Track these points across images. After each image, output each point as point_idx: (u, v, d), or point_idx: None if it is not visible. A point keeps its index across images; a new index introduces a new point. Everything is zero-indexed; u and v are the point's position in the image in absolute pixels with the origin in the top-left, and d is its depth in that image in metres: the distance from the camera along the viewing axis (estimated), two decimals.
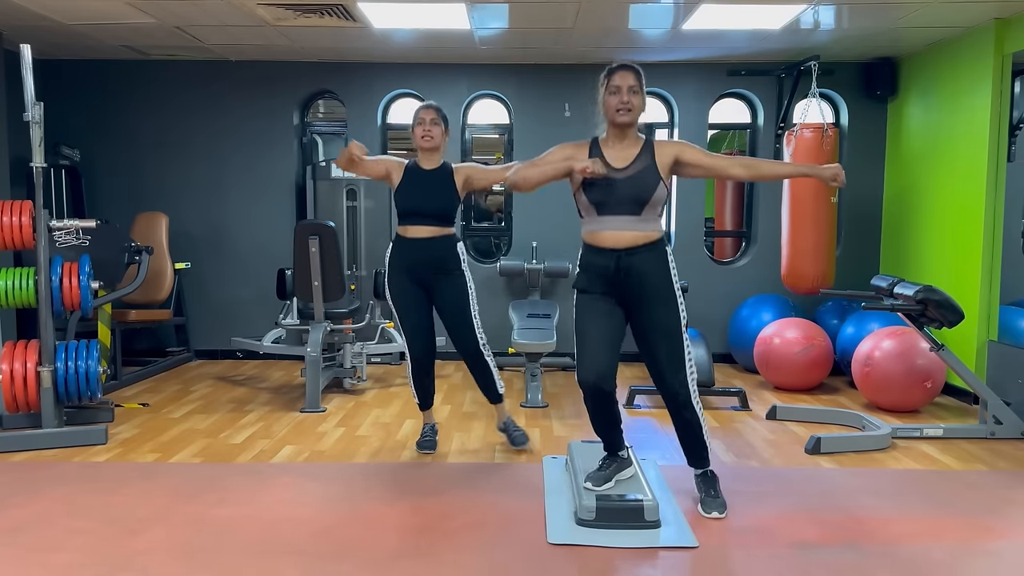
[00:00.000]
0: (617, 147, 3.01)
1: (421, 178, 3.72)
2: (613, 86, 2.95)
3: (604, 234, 2.97)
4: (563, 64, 6.20)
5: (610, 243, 2.96)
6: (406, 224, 3.71)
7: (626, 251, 2.95)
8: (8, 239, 4.03)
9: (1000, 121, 4.88)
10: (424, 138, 3.70)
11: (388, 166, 3.76)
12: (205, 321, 6.43)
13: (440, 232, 3.69)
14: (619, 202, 2.94)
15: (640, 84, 2.97)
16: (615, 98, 2.95)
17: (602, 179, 2.93)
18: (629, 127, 2.99)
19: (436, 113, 3.73)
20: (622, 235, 2.95)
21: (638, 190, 2.94)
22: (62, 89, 6.22)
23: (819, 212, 5.39)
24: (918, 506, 3.23)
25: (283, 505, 3.18)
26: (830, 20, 5.02)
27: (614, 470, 3.16)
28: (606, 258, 2.97)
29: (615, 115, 2.96)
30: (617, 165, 2.97)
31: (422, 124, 3.71)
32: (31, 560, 2.66)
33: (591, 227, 3.01)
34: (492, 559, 2.68)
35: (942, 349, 4.22)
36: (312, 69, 6.34)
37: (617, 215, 2.95)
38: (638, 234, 2.96)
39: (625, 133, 3.01)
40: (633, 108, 2.94)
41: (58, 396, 4.08)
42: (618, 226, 2.95)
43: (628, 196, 2.94)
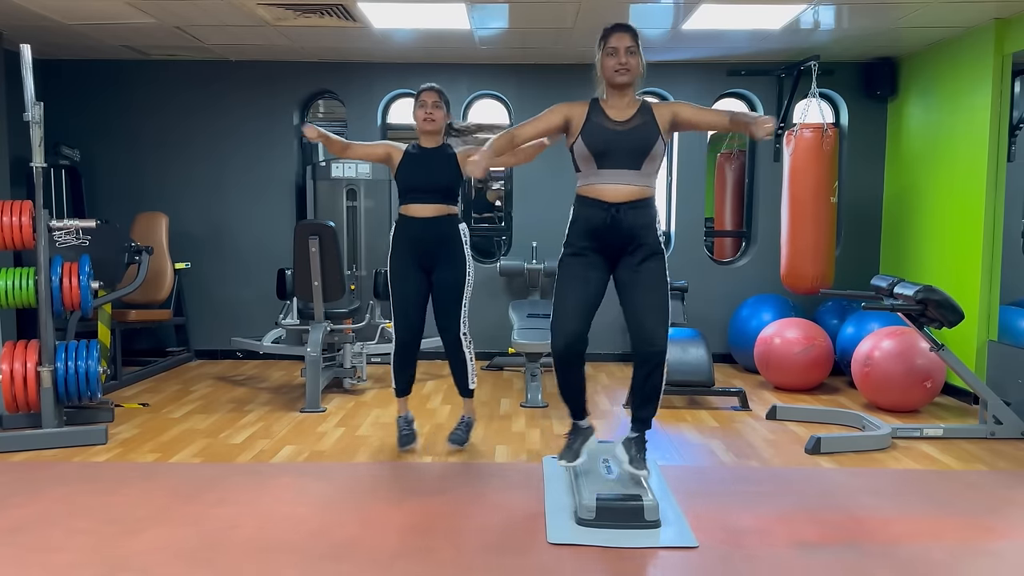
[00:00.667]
0: (617, 104, 3.03)
1: (423, 156, 3.74)
2: (610, 47, 2.99)
3: (604, 187, 2.98)
4: (563, 64, 6.20)
5: (610, 196, 2.97)
6: (409, 202, 3.72)
7: (625, 204, 2.97)
8: (8, 239, 4.03)
9: (1000, 121, 4.88)
10: (426, 120, 3.71)
11: (387, 148, 3.79)
12: (205, 321, 6.43)
13: (444, 211, 3.71)
14: (620, 154, 2.96)
15: (637, 44, 3.00)
16: (612, 59, 2.98)
17: (604, 129, 2.96)
18: (627, 87, 3.02)
19: (438, 95, 3.74)
20: (621, 188, 2.97)
21: (639, 142, 2.96)
22: (62, 89, 6.22)
23: (819, 212, 5.39)
24: (918, 506, 3.23)
25: (283, 505, 3.18)
26: (830, 20, 5.02)
27: (580, 442, 3.20)
28: (604, 210, 2.98)
29: (613, 75, 2.98)
30: (618, 119, 3.00)
31: (424, 106, 3.71)
32: (31, 560, 2.66)
33: (589, 180, 3.02)
34: (492, 559, 2.68)
35: (942, 349, 4.22)
36: (312, 69, 6.34)
37: (617, 168, 2.97)
38: (637, 188, 2.98)
39: (624, 93, 3.03)
40: (631, 68, 2.97)
41: (58, 396, 4.08)
42: (618, 179, 2.97)
43: (629, 148, 2.96)
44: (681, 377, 4.88)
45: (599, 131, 2.97)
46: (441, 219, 3.71)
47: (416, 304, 3.78)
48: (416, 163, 3.72)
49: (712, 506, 3.19)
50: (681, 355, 4.93)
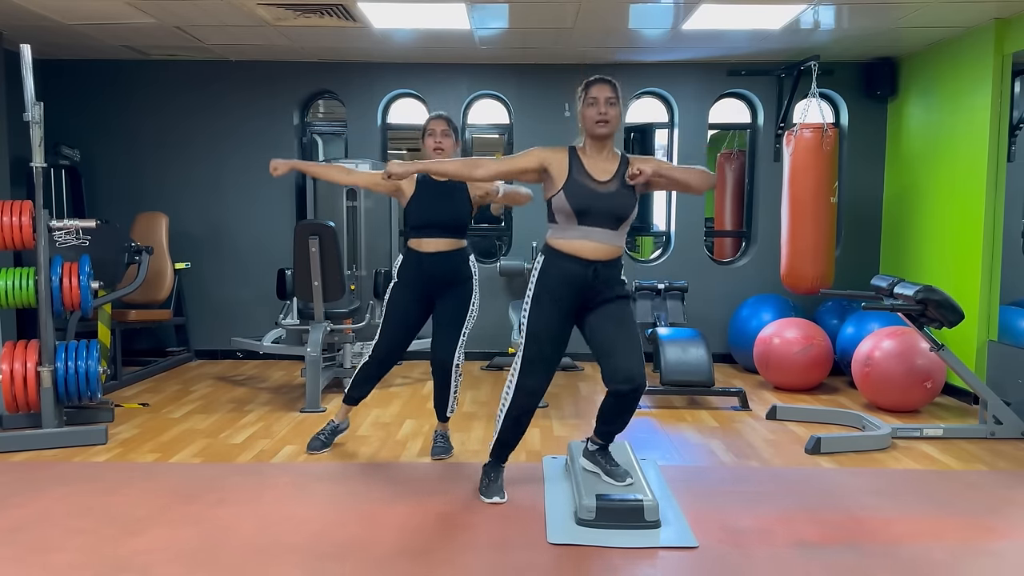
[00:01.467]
0: (597, 159, 3.04)
1: (434, 189, 3.65)
2: (591, 98, 3.02)
3: (584, 244, 3.00)
4: (563, 64, 6.20)
5: (588, 254, 3.00)
6: (420, 237, 3.64)
7: (602, 263, 3.01)
8: (8, 239, 4.03)
9: (1000, 121, 4.88)
10: (436, 150, 3.65)
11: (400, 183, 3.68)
12: (205, 321, 6.43)
13: (454, 245, 3.65)
14: (600, 215, 2.98)
15: (617, 96, 3.03)
16: (593, 110, 3.00)
17: (586, 188, 2.97)
18: (607, 139, 3.05)
19: (447, 124, 3.69)
20: (600, 247, 3.00)
21: (619, 207, 2.99)
22: (62, 89, 6.22)
23: (819, 212, 5.39)
24: (918, 506, 3.23)
25: (283, 505, 3.18)
26: (830, 20, 5.02)
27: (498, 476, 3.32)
28: (583, 268, 3.00)
29: (593, 127, 3.01)
30: (600, 178, 3.01)
31: (433, 135, 3.66)
32: (31, 560, 2.66)
33: (569, 235, 3.01)
34: (492, 559, 2.68)
35: (942, 349, 4.22)
36: (312, 69, 6.34)
37: (598, 227, 2.99)
38: (613, 248, 3.04)
39: (603, 145, 3.05)
40: (610, 120, 3.00)
41: (58, 396, 4.08)
42: (599, 238, 3.00)
43: (609, 211, 2.98)
44: (681, 377, 4.89)
45: (582, 190, 2.97)
46: (452, 254, 3.65)
47: (406, 331, 3.73)
48: (428, 197, 3.63)
49: (712, 506, 3.19)
50: (681, 355, 4.94)
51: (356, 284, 5.84)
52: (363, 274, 5.93)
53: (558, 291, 3.04)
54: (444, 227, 3.63)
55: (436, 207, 3.63)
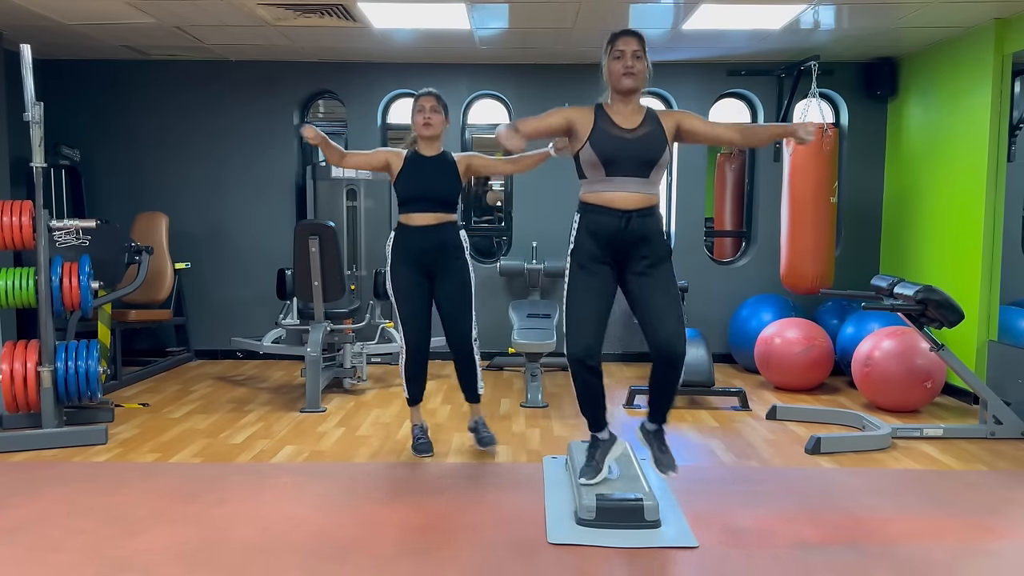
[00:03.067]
0: (623, 111, 3.01)
1: (423, 164, 3.70)
2: (617, 51, 2.97)
3: (614, 195, 2.96)
4: (563, 64, 6.20)
5: (620, 203, 2.96)
6: (409, 211, 3.69)
7: (635, 212, 2.95)
8: (8, 239, 4.03)
9: (1000, 121, 4.88)
10: (424, 125, 3.67)
11: (386, 156, 3.74)
12: (205, 321, 6.43)
13: (444, 219, 3.68)
14: (628, 162, 2.94)
15: (643, 49, 2.98)
16: (619, 63, 2.95)
17: (613, 136, 2.93)
18: (633, 92, 3.00)
19: (436, 100, 3.71)
20: (631, 196, 2.95)
21: (648, 150, 2.95)
22: (62, 89, 6.22)
23: (819, 212, 5.39)
24: (918, 506, 3.23)
25: (283, 505, 3.18)
26: (830, 20, 5.02)
27: (601, 454, 3.16)
28: (615, 218, 2.96)
29: (620, 79, 2.96)
30: (626, 126, 2.97)
31: (422, 111, 3.68)
32: (31, 560, 2.66)
33: (598, 187, 2.99)
34: (492, 559, 2.68)
35: (942, 349, 4.22)
36: (312, 69, 6.34)
37: (626, 176, 2.95)
38: (645, 196, 2.97)
39: (629, 99, 3.01)
40: (637, 73, 2.95)
41: (58, 396, 4.08)
42: (628, 187, 2.95)
43: (637, 156, 2.94)
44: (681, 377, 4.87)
45: (608, 138, 2.95)
46: (441, 227, 3.68)
47: (423, 312, 3.75)
48: (416, 171, 3.69)
49: (712, 506, 3.19)
50: None
51: (356, 284, 5.85)
52: (363, 274, 5.94)
53: (594, 245, 3.00)
54: (433, 200, 3.66)
55: (425, 181, 3.67)
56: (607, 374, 5.77)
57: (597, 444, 3.18)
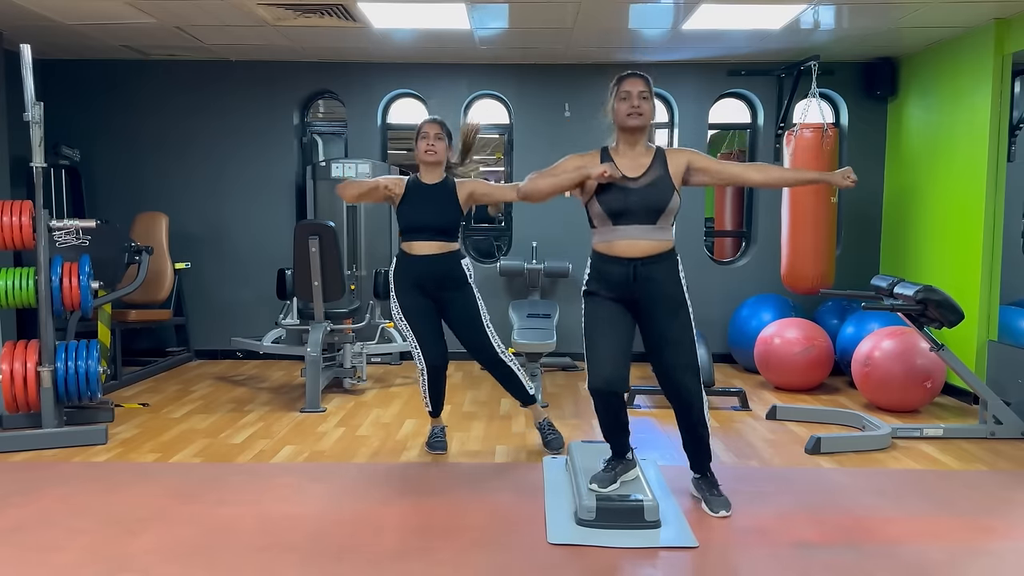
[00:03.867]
0: (629, 155, 3.01)
1: (424, 193, 3.68)
2: (623, 92, 2.97)
3: (620, 243, 2.96)
4: (563, 64, 6.20)
5: (626, 252, 2.96)
6: (411, 240, 3.66)
7: (642, 260, 2.95)
8: (8, 239, 4.03)
9: (1000, 121, 4.88)
10: (427, 152, 3.66)
11: (388, 184, 3.65)
12: (205, 321, 6.43)
13: (445, 248, 3.66)
14: (635, 211, 2.94)
15: (650, 90, 2.99)
16: (625, 104, 2.96)
17: (618, 188, 2.93)
18: (640, 133, 3.00)
19: (440, 128, 3.70)
20: (638, 244, 2.95)
21: (654, 199, 2.94)
22: (62, 89, 6.22)
23: (819, 212, 5.39)
24: (918, 506, 3.23)
25: (283, 505, 3.18)
26: (830, 20, 5.02)
27: (619, 471, 3.15)
28: (622, 267, 2.96)
29: (626, 119, 2.96)
30: (631, 174, 2.97)
31: (426, 138, 3.66)
32: (31, 560, 2.66)
33: (606, 237, 3.00)
34: (492, 559, 2.68)
35: (942, 349, 4.22)
36: (312, 69, 6.34)
37: (633, 224, 2.94)
38: (654, 243, 2.96)
39: (636, 140, 3.01)
40: (644, 113, 2.96)
41: (58, 396, 4.08)
42: (634, 235, 2.95)
43: (644, 205, 2.94)
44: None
45: (614, 191, 2.94)
46: (444, 256, 3.66)
47: (435, 331, 3.73)
48: (417, 200, 3.66)
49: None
50: None
51: (356, 284, 5.85)
52: (363, 274, 5.94)
53: (606, 290, 3.01)
54: (434, 230, 3.64)
55: (426, 210, 3.65)
56: None
57: (620, 462, 3.19)
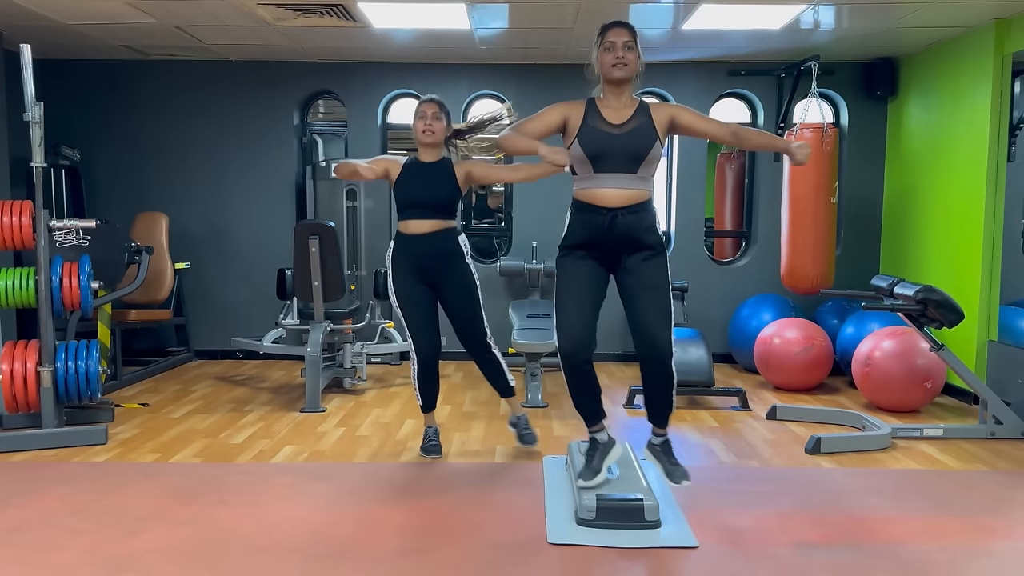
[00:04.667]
0: (614, 105, 2.99)
1: (421, 171, 3.68)
2: (607, 42, 2.95)
3: (601, 191, 2.95)
4: (563, 64, 6.20)
5: (607, 200, 2.94)
6: (407, 218, 3.66)
7: (622, 209, 2.94)
8: (8, 239, 4.03)
9: (1000, 121, 4.88)
10: (425, 132, 3.65)
11: (385, 165, 3.69)
12: (205, 321, 6.43)
13: (442, 225, 3.65)
14: (616, 158, 2.92)
15: (635, 40, 2.96)
16: (610, 54, 2.94)
17: (600, 132, 2.92)
18: (625, 84, 2.98)
19: (438, 107, 3.69)
20: (619, 192, 2.94)
21: (636, 146, 2.93)
22: (62, 89, 6.22)
23: (819, 212, 5.39)
24: (918, 506, 3.23)
25: (283, 505, 3.18)
26: (830, 20, 5.02)
27: (600, 458, 3.11)
28: (601, 215, 2.95)
29: (611, 70, 2.94)
30: (614, 121, 2.95)
31: (423, 118, 3.65)
32: (31, 560, 2.66)
33: (586, 184, 2.98)
34: (492, 559, 2.68)
35: (942, 349, 4.22)
36: (312, 69, 6.34)
37: (614, 172, 2.93)
38: (634, 192, 2.95)
39: (621, 91, 2.99)
40: (628, 63, 2.94)
41: (58, 396, 4.08)
42: (615, 183, 2.94)
43: (626, 152, 2.93)
44: (681, 377, 4.79)
45: (595, 134, 2.94)
46: (440, 233, 3.64)
47: (430, 321, 3.70)
48: (415, 178, 3.65)
49: (712, 506, 3.18)
50: (681, 355, 4.91)
51: (356, 284, 5.85)
52: (363, 274, 5.94)
53: (581, 240, 2.99)
54: (431, 207, 3.62)
55: (422, 187, 3.63)
56: (607, 374, 5.84)
57: (596, 447, 3.15)
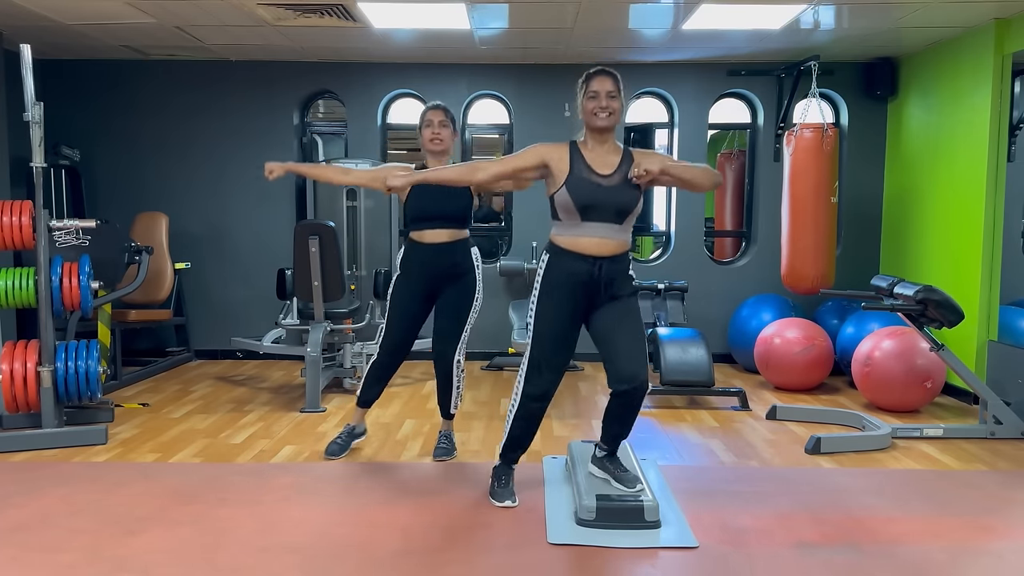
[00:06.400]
0: (599, 152, 2.99)
1: None
2: (591, 91, 2.96)
3: (588, 240, 2.95)
4: (563, 64, 6.20)
5: (594, 250, 2.95)
6: (422, 229, 3.61)
7: (607, 259, 2.96)
8: (8, 239, 4.03)
9: (1000, 121, 4.88)
10: (433, 141, 3.63)
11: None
12: (205, 321, 6.43)
13: (455, 236, 3.62)
14: (605, 209, 2.93)
15: (618, 89, 2.97)
16: (593, 103, 2.95)
17: (589, 182, 2.93)
18: (608, 132, 2.99)
19: (444, 115, 3.66)
20: (606, 243, 2.95)
21: (623, 200, 2.94)
22: (62, 89, 6.22)
23: (819, 212, 5.39)
24: (918, 506, 3.23)
25: (283, 505, 3.18)
26: (830, 20, 5.02)
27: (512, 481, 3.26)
28: (587, 265, 2.96)
29: (593, 119, 2.96)
30: (602, 172, 2.96)
31: (430, 126, 3.63)
32: (32, 560, 2.66)
33: (573, 232, 2.98)
34: (492, 559, 2.68)
35: (942, 349, 4.22)
36: (312, 69, 6.34)
37: (601, 222, 2.94)
38: (619, 243, 2.98)
39: (605, 138, 3.00)
40: (612, 112, 2.95)
41: (58, 396, 4.08)
42: (603, 233, 2.95)
43: (613, 205, 2.94)
44: (681, 377, 4.88)
45: (585, 185, 2.93)
46: (455, 245, 3.61)
47: (411, 323, 3.68)
48: (427, 189, 3.55)
49: (712, 506, 3.19)
50: (681, 355, 4.94)
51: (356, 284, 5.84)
52: (363, 274, 5.93)
53: (563, 290, 2.99)
54: (444, 218, 3.60)
55: (436, 199, 3.59)
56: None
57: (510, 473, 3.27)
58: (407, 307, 3.67)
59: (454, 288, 3.65)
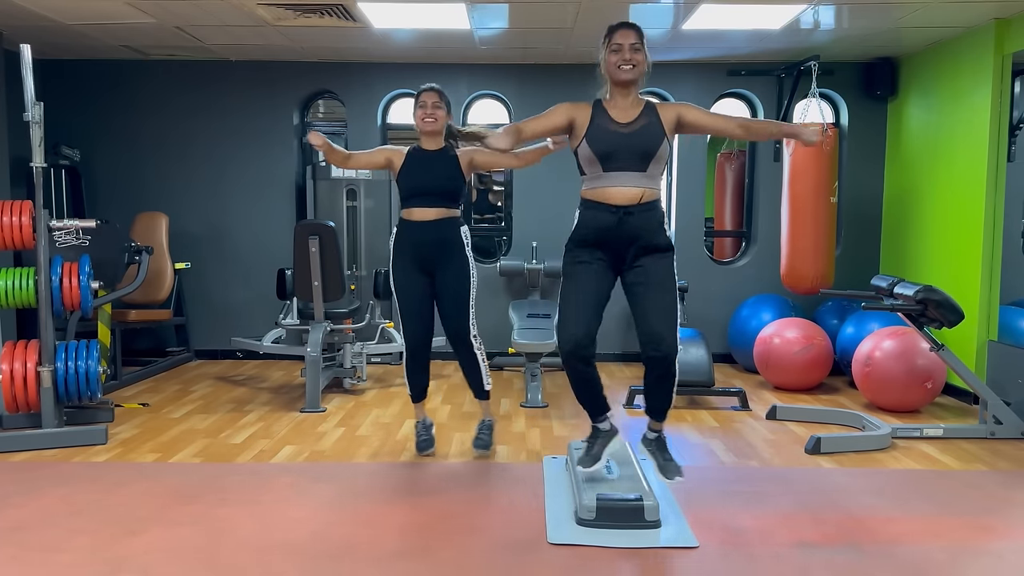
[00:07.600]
0: (621, 105, 2.99)
1: (425, 158, 3.69)
2: (615, 44, 2.96)
3: (611, 190, 2.95)
4: (563, 64, 6.20)
5: (617, 199, 2.94)
6: (411, 206, 3.67)
7: (632, 207, 2.94)
8: (8, 239, 4.03)
9: (1000, 121, 4.88)
10: (426, 120, 3.65)
11: (387, 154, 3.73)
12: (205, 321, 6.43)
13: (445, 214, 3.66)
14: (625, 156, 2.93)
15: (641, 41, 2.97)
16: (616, 55, 2.95)
17: (608, 131, 2.93)
18: (631, 85, 2.99)
19: (438, 96, 3.68)
20: (629, 191, 2.94)
21: (645, 144, 2.93)
22: (62, 89, 6.22)
23: (819, 212, 5.39)
24: (918, 506, 3.23)
25: (283, 505, 3.18)
26: (830, 20, 5.02)
27: (600, 446, 3.13)
28: (611, 214, 2.95)
29: (617, 72, 2.95)
30: (622, 120, 2.96)
31: (424, 107, 3.66)
32: (32, 560, 2.66)
33: (596, 183, 2.98)
34: (492, 559, 2.68)
35: (942, 349, 4.22)
36: (312, 69, 6.34)
37: (623, 171, 2.94)
38: (644, 190, 2.95)
39: (628, 91, 2.99)
40: (635, 65, 2.94)
41: (58, 396, 4.08)
42: (625, 182, 2.94)
43: (635, 150, 2.93)
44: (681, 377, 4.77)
45: (604, 134, 2.94)
46: (443, 222, 3.66)
47: (422, 310, 3.73)
48: (418, 166, 3.68)
49: (712, 506, 3.19)
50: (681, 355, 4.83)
51: (356, 284, 5.85)
52: (363, 274, 5.94)
53: (589, 239, 2.99)
54: (434, 195, 3.64)
55: (426, 175, 3.65)
56: (607, 374, 5.84)
57: (597, 435, 3.16)
58: (411, 289, 3.71)
59: (448, 270, 3.69)
